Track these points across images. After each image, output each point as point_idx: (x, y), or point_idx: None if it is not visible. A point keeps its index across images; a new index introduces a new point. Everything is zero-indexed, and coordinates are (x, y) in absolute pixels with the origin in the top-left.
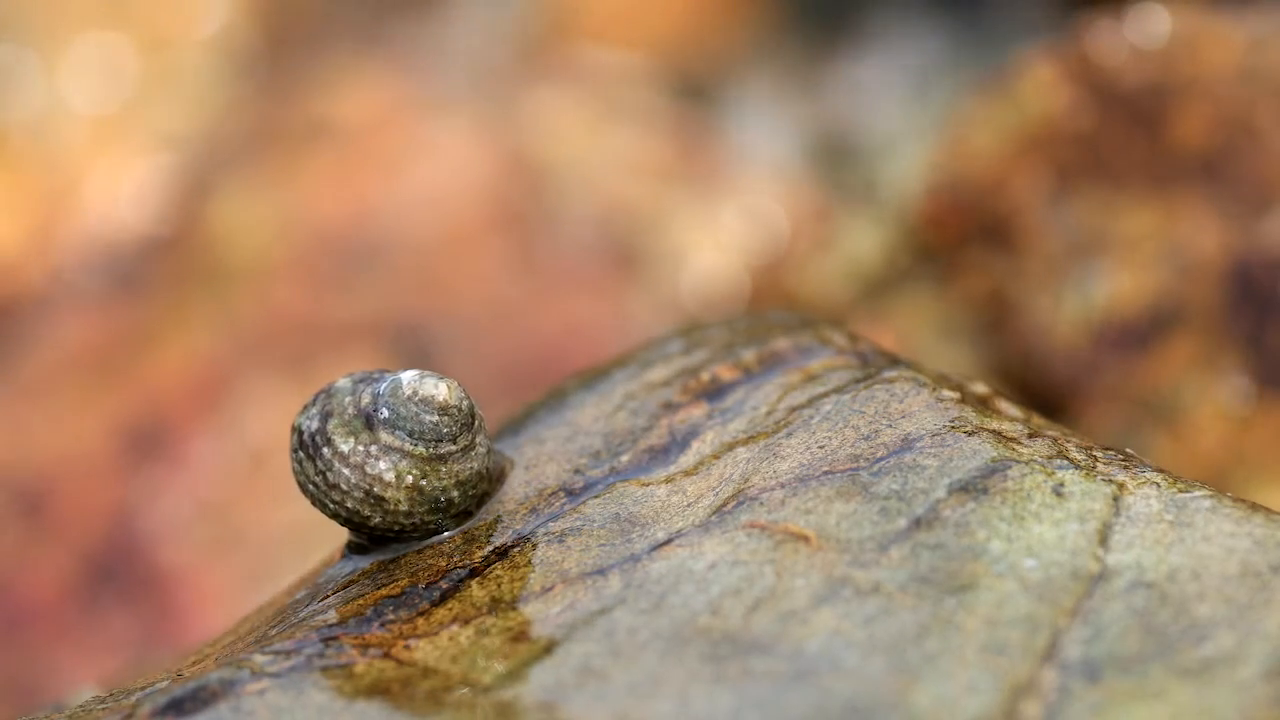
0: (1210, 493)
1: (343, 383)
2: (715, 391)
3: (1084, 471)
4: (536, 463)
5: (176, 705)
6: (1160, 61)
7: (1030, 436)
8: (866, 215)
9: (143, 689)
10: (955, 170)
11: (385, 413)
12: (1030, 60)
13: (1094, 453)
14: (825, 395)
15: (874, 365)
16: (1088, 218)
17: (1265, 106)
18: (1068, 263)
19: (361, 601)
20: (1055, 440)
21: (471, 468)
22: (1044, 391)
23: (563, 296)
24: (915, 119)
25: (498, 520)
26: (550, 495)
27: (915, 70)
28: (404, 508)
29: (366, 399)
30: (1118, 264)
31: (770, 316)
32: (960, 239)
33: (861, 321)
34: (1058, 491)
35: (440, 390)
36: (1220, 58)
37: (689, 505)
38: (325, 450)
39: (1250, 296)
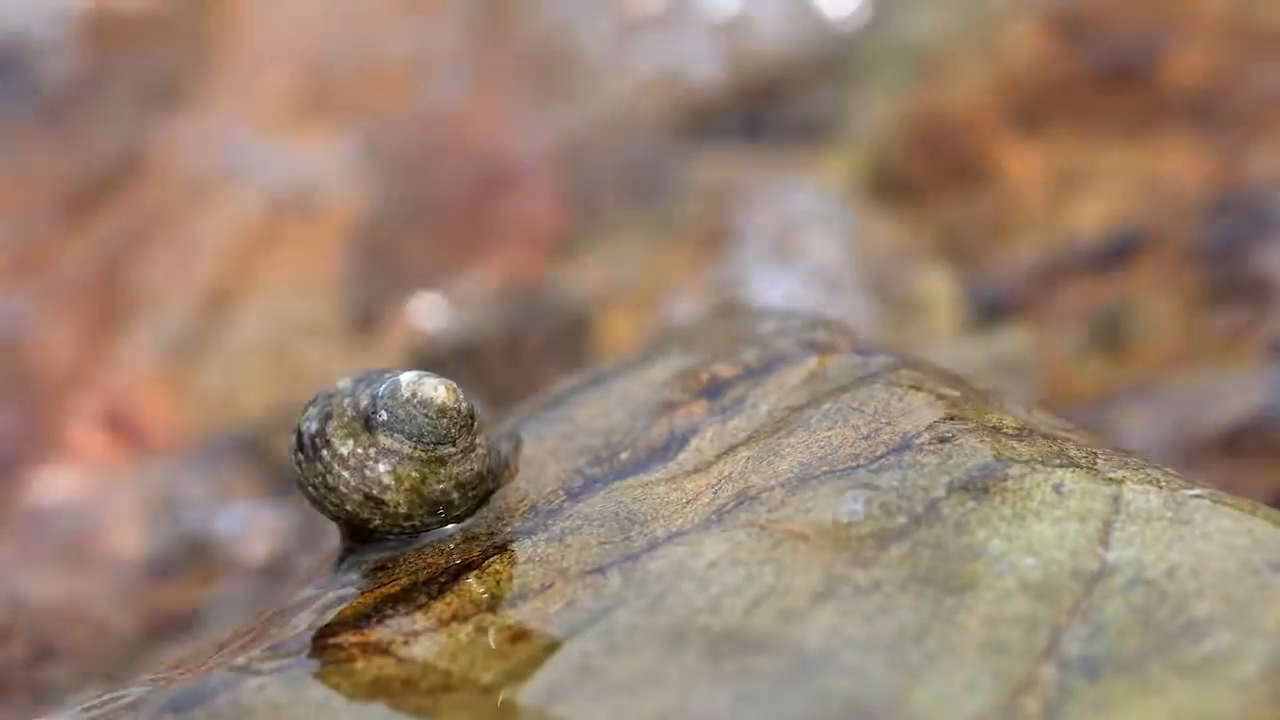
0: (1210, 490)
1: (343, 383)
2: (715, 389)
3: (1084, 470)
4: (536, 460)
5: (176, 703)
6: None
7: (1030, 435)
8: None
9: (142, 687)
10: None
11: (384, 415)
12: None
13: (1094, 451)
14: (825, 393)
15: (874, 363)
16: (1065, 158)
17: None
18: (1042, 199)
19: (361, 600)
20: (1055, 439)
21: (471, 469)
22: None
23: None
24: None
25: (498, 519)
26: (550, 493)
27: None
28: (403, 510)
29: (365, 401)
30: (1092, 195)
31: (770, 313)
32: (934, 178)
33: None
34: (1057, 490)
35: (439, 393)
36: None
37: (688, 503)
38: (324, 452)
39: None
